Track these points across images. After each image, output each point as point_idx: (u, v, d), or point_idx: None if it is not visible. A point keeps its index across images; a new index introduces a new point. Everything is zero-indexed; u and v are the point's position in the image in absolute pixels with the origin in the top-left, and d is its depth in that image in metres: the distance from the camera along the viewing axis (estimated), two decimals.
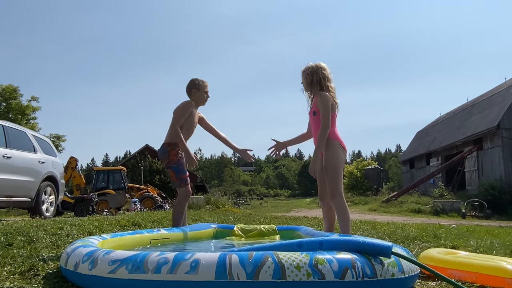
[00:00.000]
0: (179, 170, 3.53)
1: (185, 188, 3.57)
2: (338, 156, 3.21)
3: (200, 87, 3.68)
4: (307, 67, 3.39)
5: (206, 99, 3.74)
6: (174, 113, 3.56)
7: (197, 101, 3.71)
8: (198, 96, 3.68)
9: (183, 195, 3.60)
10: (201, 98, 3.71)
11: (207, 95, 3.73)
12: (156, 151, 38.41)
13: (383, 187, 36.02)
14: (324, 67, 3.37)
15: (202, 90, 3.68)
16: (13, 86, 23.18)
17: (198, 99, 3.70)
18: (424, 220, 12.14)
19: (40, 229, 3.66)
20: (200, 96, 3.69)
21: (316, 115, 3.28)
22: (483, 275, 2.09)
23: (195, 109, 3.70)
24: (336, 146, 3.23)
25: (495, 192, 18.79)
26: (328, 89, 3.31)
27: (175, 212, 3.64)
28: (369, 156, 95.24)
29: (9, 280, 1.99)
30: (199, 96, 3.69)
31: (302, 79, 3.43)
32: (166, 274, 1.72)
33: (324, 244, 1.98)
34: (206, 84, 3.72)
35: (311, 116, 3.38)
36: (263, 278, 1.67)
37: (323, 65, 3.38)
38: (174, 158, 3.52)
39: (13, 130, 7.05)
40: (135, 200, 16.02)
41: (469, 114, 26.16)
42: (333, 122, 3.26)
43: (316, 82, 3.32)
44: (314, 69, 3.34)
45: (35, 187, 7.09)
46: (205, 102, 3.76)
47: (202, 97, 3.70)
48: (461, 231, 5.29)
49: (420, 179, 25.46)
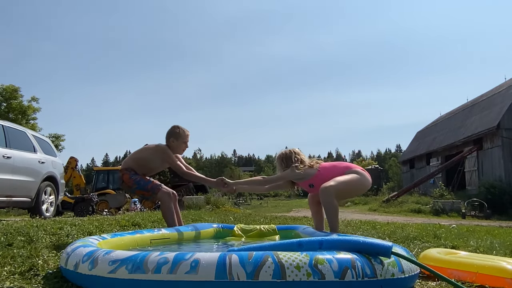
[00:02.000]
0: (142, 185, 3.55)
1: (161, 192, 3.57)
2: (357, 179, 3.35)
3: (180, 137, 3.65)
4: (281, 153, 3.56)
5: (184, 150, 3.72)
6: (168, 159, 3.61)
7: (174, 149, 3.67)
8: (176, 145, 3.66)
9: (164, 198, 3.59)
10: (178, 148, 3.68)
11: (186, 146, 3.70)
12: None
13: (383, 187, 36.01)
14: (298, 151, 3.53)
15: (181, 140, 3.65)
16: (14, 86, 23.20)
17: (175, 149, 3.67)
18: (424, 220, 12.14)
19: (40, 229, 3.66)
20: (178, 146, 3.66)
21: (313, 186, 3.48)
22: (483, 275, 2.09)
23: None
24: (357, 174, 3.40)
25: (495, 192, 18.78)
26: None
27: (166, 216, 3.63)
28: (369, 156, 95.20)
29: (9, 280, 1.99)
30: (176, 146, 3.66)
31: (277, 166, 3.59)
32: (166, 274, 1.72)
33: (324, 243, 1.98)
34: (187, 134, 3.68)
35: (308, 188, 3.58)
36: (263, 278, 1.67)
37: (297, 150, 3.54)
38: (130, 181, 3.56)
39: (13, 130, 7.05)
40: (135, 200, 16.04)
41: (469, 114, 26.16)
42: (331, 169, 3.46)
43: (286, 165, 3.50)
44: (288, 154, 3.50)
45: (35, 187, 7.09)
46: (182, 152, 3.75)
47: (179, 147, 3.67)
48: (461, 231, 5.29)
49: (420, 179, 25.45)
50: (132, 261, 1.81)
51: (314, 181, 3.46)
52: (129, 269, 1.78)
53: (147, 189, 3.55)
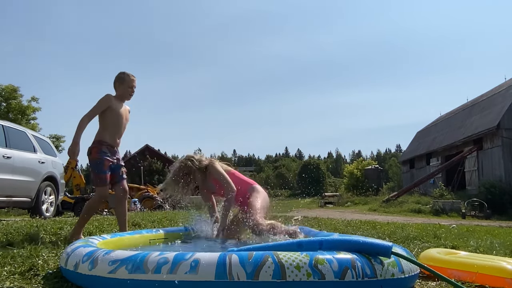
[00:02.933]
0: (98, 168, 3.42)
1: (101, 188, 3.45)
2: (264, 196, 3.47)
3: (124, 81, 3.54)
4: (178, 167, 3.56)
5: (131, 94, 3.58)
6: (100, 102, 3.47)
7: (121, 95, 3.56)
8: (121, 90, 3.54)
9: (97, 195, 3.52)
10: (125, 93, 3.55)
11: (132, 90, 3.57)
12: (156, 151, 38.58)
13: (383, 187, 36.03)
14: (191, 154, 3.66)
15: (126, 84, 3.54)
16: (13, 86, 23.18)
17: (122, 94, 3.55)
18: (424, 220, 12.13)
19: (40, 229, 3.66)
20: (124, 90, 3.54)
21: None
22: (483, 275, 2.09)
23: (118, 104, 3.54)
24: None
25: (495, 192, 18.77)
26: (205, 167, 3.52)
27: (84, 210, 3.52)
28: (369, 156, 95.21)
29: (9, 280, 1.99)
30: (122, 90, 3.54)
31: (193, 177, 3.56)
32: (166, 274, 1.72)
33: (324, 244, 1.98)
34: (132, 78, 3.57)
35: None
36: (263, 278, 1.67)
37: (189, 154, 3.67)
38: (95, 156, 3.42)
39: (13, 130, 7.05)
40: (135, 200, 16.03)
41: (469, 114, 26.14)
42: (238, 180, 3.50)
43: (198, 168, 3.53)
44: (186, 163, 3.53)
45: (35, 187, 7.09)
46: (130, 96, 3.60)
47: (125, 92, 3.55)
48: (461, 231, 5.29)
49: (420, 179, 25.45)
50: (132, 261, 1.81)
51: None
52: (129, 269, 1.78)
53: (97, 175, 3.43)
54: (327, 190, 60.26)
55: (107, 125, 3.49)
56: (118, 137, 3.58)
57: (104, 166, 3.41)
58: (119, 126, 3.55)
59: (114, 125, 3.52)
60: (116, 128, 3.54)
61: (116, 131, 3.54)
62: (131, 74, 3.59)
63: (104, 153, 3.43)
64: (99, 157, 3.41)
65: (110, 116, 3.47)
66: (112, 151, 3.50)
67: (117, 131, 3.55)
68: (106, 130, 3.49)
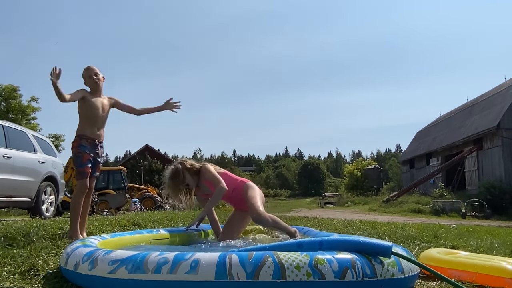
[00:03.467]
0: (77, 162, 3.52)
1: (80, 181, 3.52)
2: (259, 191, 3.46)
3: (86, 73, 3.67)
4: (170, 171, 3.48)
5: (96, 82, 3.65)
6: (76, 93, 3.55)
7: (90, 87, 3.67)
8: (88, 83, 3.66)
9: (77, 189, 3.56)
10: (91, 84, 3.65)
11: (96, 78, 3.65)
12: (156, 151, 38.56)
13: (383, 187, 36.02)
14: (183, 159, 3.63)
15: (87, 76, 3.65)
16: (13, 86, 23.16)
17: (90, 86, 3.66)
18: (424, 220, 12.13)
19: (40, 229, 3.66)
20: (89, 82, 3.65)
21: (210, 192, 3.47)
22: (483, 275, 2.09)
23: (92, 97, 3.63)
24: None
25: (495, 192, 18.76)
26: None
27: (71, 209, 3.57)
28: (369, 156, 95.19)
29: (9, 280, 1.99)
30: (88, 82, 3.66)
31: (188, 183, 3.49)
32: (166, 274, 1.72)
33: (324, 244, 1.98)
34: (87, 68, 3.68)
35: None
36: (263, 278, 1.67)
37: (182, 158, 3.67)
38: (74, 150, 3.54)
39: (13, 130, 7.05)
40: (135, 200, 16.02)
41: (469, 114, 26.14)
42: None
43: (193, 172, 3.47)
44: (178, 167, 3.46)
45: (35, 187, 7.09)
46: (97, 85, 3.66)
47: (90, 83, 3.65)
48: (461, 231, 5.29)
49: (420, 179, 25.44)
50: (132, 261, 1.81)
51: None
52: (129, 269, 1.78)
53: (77, 168, 3.54)
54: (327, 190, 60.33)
55: (84, 118, 3.58)
56: (98, 128, 3.63)
57: (83, 159, 3.51)
58: (95, 118, 3.60)
59: (90, 117, 3.58)
60: (93, 120, 3.60)
61: (94, 122, 3.60)
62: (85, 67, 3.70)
63: (83, 146, 3.53)
64: (78, 151, 3.52)
65: (85, 108, 3.57)
66: (92, 145, 3.58)
67: (95, 122, 3.61)
68: (84, 122, 3.58)
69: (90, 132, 3.58)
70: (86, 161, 3.53)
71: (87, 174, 3.54)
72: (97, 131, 3.63)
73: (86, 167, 3.53)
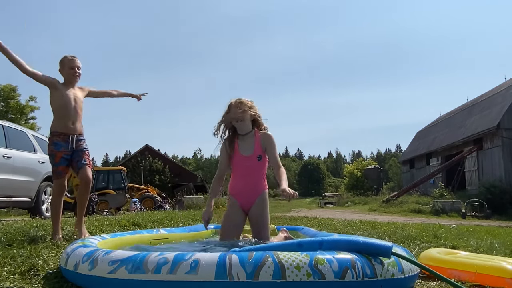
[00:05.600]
0: (51, 162, 3.37)
1: (55, 181, 3.39)
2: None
3: (64, 64, 3.44)
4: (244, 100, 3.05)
5: (74, 75, 3.45)
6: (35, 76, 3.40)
7: (66, 79, 3.46)
8: (64, 74, 3.45)
9: (53, 189, 3.44)
10: (68, 75, 3.44)
11: (74, 71, 3.43)
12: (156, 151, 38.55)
13: (383, 187, 36.01)
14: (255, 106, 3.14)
15: (66, 66, 3.42)
16: (11, 86, 23.17)
17: (66, 77, 3.45)
18: (424, 220, 12.12)
19: (40, 229, 3.66)
20: (66, 73, 3.43)
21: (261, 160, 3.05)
22: (483, 275, 2.09)
23: (65, 88, 3.41)
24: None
25: (495, 192, 18.77)
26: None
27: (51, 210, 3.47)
28: (369, 156, 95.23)
29: (9, 280, 1.99)
30: (65, 74, 3.44)
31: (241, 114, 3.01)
32: (166, 274, 1.72)
33: (324, 244, 1.98)
34: (71, 59, 3.45)
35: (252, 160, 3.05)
36: (263, 278, 1.67)
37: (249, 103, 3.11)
38: (48, 150, 3.40)
39: (13, 130, 7.06)
40: (135, 200, 16.04)
41: (469, 114, 26.13)
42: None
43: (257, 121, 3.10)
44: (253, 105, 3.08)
45: (35, 187, 7.09)
46: (74, 78, 3.45)
47: (68, 74, 3.43)
48: (461, 231, 5.29)
49: (420, 179, 25.42)
50: (132, 261, 1.81)
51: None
52: (129, 269, 1.77)
53: (52, 168, 3.40)
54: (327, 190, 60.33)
55: (56, 111, 3.39)
56: (71, 122, 3.40)
57: (55, 159, 3.34)
58: (67, 110, 3.37)
59: (61, 110, 3.37)
60: (64, 113, 3.37)
61: (66, 116, 3.37)
62: (71, 55, 3.47)
63: (55, 144, 3.35)
64: (50, 151, 3.37)
65: (54, 101, 3.38)
66: (65, 140, 3.36)
67: (66, 115, 3.37)
68: (55, 118, 3.39)
69: (62, 127, 3.37)
70: (60, 160, 3.34)
71: (61, 173, 3.37)
72: (71, 125, 3.39)
73: (60, 166, 3.35)
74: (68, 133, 3.38)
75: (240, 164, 3.09)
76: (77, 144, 3.42)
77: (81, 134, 3.50)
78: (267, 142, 3.06)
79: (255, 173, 3.08)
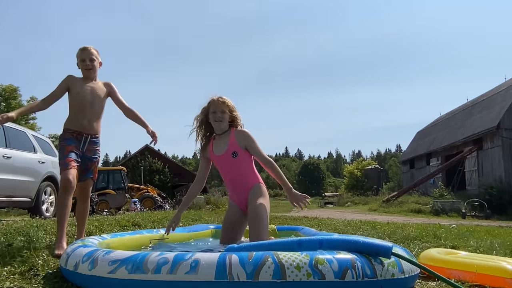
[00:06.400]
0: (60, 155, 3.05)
1: (62, 174, 2.96)
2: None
3: (77, 57, 3.21)
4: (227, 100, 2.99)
5: (85, 69, 3.18)
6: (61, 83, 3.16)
7: (82, 73, 3.21)
8: (79, 65, 3.20)
9: (60, 185, 3.00)
10: (81, 69, 3.21)
11: (84, 63, 3.17)
12: (156, 151, 38.53)
13: (383, 187, 35.98)
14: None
15: (78, 59, 3.20)
16: (13, 86, 23.26)
17: (81, 71, 3.21)
18: (424, 220, 12.12)
19: (40, 229, 3.66)
20: (80, 67, 3.21)
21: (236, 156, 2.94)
22: (483, 275, 2.09)
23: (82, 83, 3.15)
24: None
25: (495, 192, 18.77)
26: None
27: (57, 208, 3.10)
28: (369, 156, 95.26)
29: (9, 280, 1.99)
30: (79, 66, 3.20)
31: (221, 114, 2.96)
32: (166, 274, 1.72)
33: (324, 243, 1.98)
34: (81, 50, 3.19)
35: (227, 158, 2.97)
36: (263, 278, 1.67)
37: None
38: (59, 144, 3.13)
39: (13, 130, 7.05)
40: (135, 200, 16.05)
41: (469, 114, 26.14)
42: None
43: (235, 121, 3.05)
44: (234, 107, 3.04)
45: (35, 187, 7.09)
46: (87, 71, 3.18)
47: (81, 68, 3.20)
48: (461, 231, 5.28)
49: (420, 179, 25.43)
50: (132, 261, 1.81)
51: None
52: (129, 269, 1.78)
53: (59, 162, 3.04)
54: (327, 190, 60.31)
55: (70, 109, 3.15)
56: (89, 120, 3.12)
57: (64, 151, 3.01)
58: (82, 108, 3.10)
59: (76, 108, 3.12)
60: (79, 110, 3.11)
61: (80, 113, 3.10)
62: (83, 46, 3.21)
63: (66, 139, 3.06)
64: (61, 145, 3.07)
65: (71, 98, 3.13)
66: (78, 139, 3.08)
67: (81, 113, 3.10)
68: (70, 115, 3.14)
69: (77, 125, 3.09)
70: (69, 153, 2.98)
71: (68, 164, 2.94)
72: (86, 123, 3.11)
73: (68, 158, 2.96)
74: (82, 132, 3.11)
75: (219, 164, 3.06)
76: (89, 146, 3.15)
77: (97, 136, 3.21)
78: (245, 139, 2.97)
79: (235, 170, 3.00)
